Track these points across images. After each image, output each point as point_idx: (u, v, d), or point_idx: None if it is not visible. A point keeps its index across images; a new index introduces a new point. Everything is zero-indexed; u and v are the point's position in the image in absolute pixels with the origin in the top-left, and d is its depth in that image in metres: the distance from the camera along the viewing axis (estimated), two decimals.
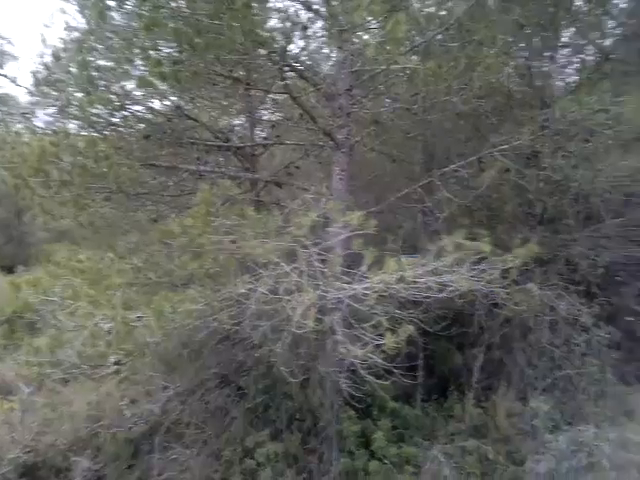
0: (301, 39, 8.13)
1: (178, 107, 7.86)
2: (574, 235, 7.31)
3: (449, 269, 4.79)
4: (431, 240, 5.20)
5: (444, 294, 4.65)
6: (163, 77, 4.98)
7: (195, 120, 8.13)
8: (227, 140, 8.66)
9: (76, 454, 6.60)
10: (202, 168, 7.28)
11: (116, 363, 5.93)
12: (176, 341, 6.75)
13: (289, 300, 4.41)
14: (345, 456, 6.26)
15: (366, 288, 4.53)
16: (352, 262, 5.00)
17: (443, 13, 7.02)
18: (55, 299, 5.16)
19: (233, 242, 4.64)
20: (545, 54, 7.65)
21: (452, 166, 6.71)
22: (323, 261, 4.66)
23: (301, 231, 4.55)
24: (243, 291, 4.63)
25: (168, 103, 7.35)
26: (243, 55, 6.51)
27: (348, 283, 4.67)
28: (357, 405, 6.18)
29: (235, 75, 6.59)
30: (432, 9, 7.36)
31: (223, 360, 7.44)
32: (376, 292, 4.32)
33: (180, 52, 5.32)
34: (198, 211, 4.35)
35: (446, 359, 7.64)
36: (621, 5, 9.48)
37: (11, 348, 9.01)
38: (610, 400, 6.28)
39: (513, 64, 6.94)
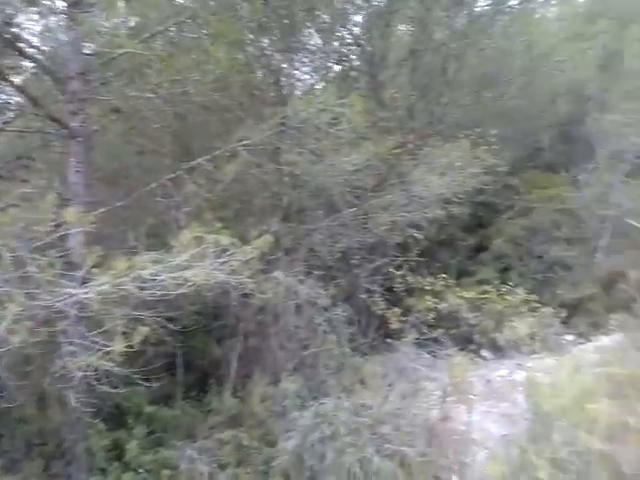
0: (28, 14, 7.15)
1: None
2: (316, 225, 8.04)
3: (190, 264, 4.73)
4: (177, 235, 5.05)
5: (183, 290, 4.55)
6: None
7: None
8: None
9: None
10: None
11: None
12: None
13: None
14: (95, 474, 5.74)
15: (96, 292, 4.15)
16: (80, 264, 4.56)
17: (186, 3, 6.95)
18: None
19: None
20: (286, 55, 8.14)
21: (199, 159, 6.66)
22: (41, 265, 4.11)
23: (8, 231, 3.92)
24: None
25: None
26: None
27: (75, 287, 4.22)
28: (108, 417, 5.76)
29: None
30: None
31: None
32: (103, 294, 3.99)
33: None
34: None
35: (205, 353, 7.64)
36: (355, 18, 10.80)
37: None
38: (347, 371, 7.06)
39: (245, 60, 7.20)
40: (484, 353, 9.26)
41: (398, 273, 8.65)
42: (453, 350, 7.85)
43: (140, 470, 5.66)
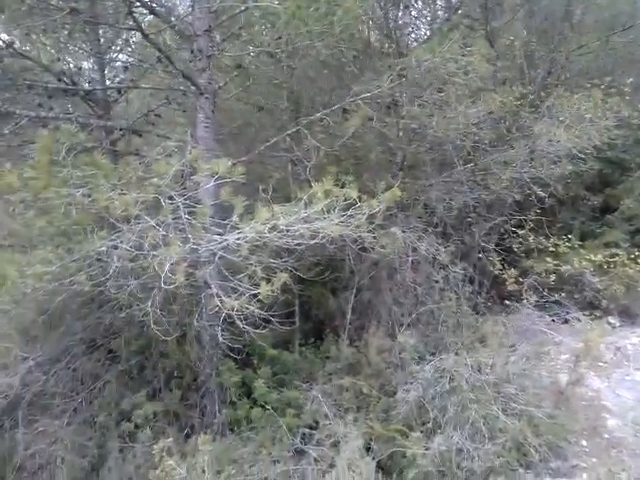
0: None
1: (10, 45, 6.87)
2: (431, 181, 7.84)
3: (320, 216, 4.82)
4: (301, 188, 5.16)
5: (316, 241, 4.67)
6: None
7: (32, 60, 7.17)
8: (73, 83, 7.75)
9: None
10: (44, 114, 6.44)
11: None
12: (32, 307, 6.10)
13: (156, 256, 4.12)
14: (227, 407, 6.25)
15: (238, 238, 4.38)
16: (222, 213, 4.83)
17: None
18: None
19: (87, 195, 4.17)
20: (400, 4, 7.80)
21: (318, 114, 6.69)
22: (191, 213, 4.40)
23: (164, 181, 4.22)
24: (103, 249, 4.23)
25: None
26: None
27: (219, 234, 4.49)
28: (236, 356, 6.15)
29: (73, 5, 5.75)
30: None
31: (90, 324, 6.92)
32: (248, 242, 4.20)
33: None
34: (39, 160, 3.78)
35: (321, 304, 7.87)
36: None
37: None
38: (466, 329, 6.99)
39: (368, 13, 6.98)
40: (612, 320, 8.71)
41: (521, 232, 8.26)
42: (579, 315, 7.45)
43: (267, 407, 6.04)
